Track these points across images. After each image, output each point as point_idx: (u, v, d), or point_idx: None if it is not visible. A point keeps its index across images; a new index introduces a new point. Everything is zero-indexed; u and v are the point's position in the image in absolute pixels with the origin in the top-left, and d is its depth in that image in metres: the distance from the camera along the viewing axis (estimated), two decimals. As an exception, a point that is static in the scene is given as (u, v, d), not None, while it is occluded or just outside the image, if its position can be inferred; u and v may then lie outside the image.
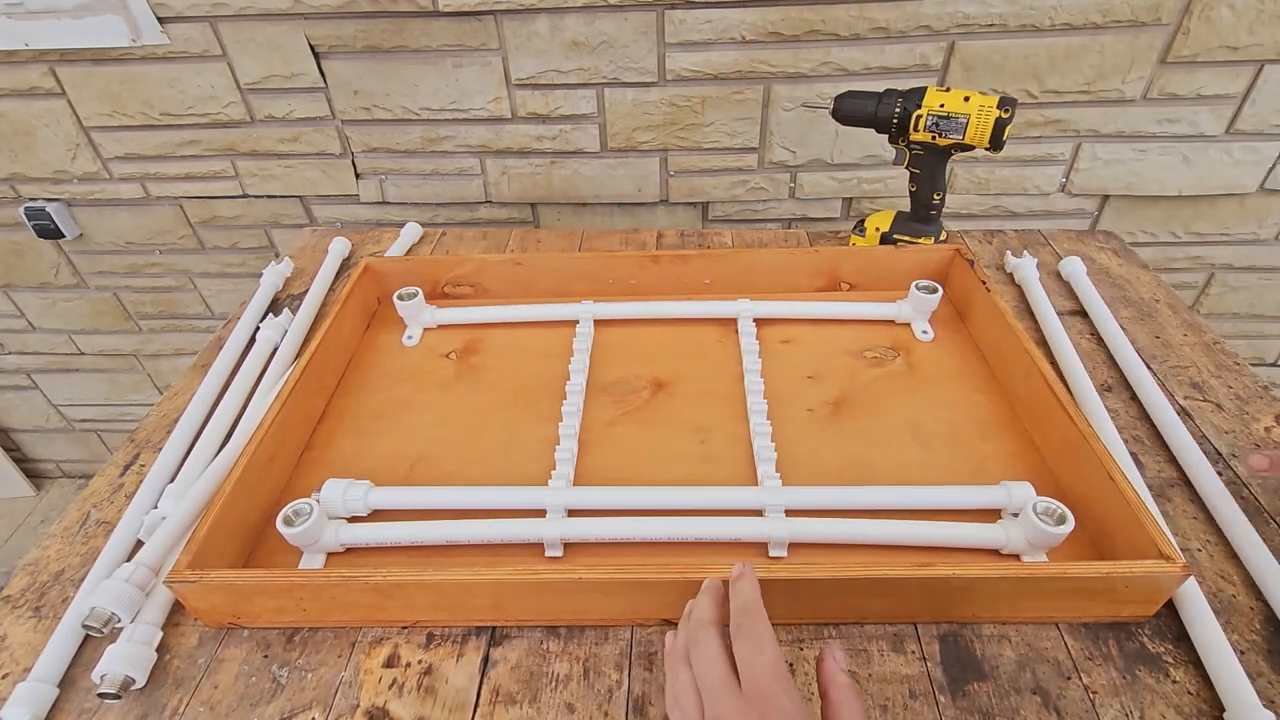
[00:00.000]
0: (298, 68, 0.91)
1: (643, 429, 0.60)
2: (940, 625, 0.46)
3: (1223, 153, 0.91)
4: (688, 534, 0.49)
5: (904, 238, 0.78)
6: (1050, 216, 1.00)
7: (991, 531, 0.48)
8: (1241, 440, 0.57)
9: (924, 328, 0.69)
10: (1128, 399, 0.62)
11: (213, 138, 0.99)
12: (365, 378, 0.67)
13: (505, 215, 1.05)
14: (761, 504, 0.50)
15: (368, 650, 0.46)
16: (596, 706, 0.42)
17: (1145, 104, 0.89)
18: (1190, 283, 1.05)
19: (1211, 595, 0.46)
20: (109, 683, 0.42)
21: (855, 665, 0.44)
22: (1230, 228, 0.99)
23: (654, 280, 0.74)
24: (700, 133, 0.94)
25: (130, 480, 0.59)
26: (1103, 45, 0.84)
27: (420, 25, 0.87)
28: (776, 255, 0.74)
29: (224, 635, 0.47)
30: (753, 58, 0.88)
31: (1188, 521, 0.51)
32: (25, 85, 0.94)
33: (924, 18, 0.84)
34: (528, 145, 0.97)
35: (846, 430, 0.59)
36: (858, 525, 0.48)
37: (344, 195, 1.04)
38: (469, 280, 0.75)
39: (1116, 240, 0.86)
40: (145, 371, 1.33)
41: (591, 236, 0.92)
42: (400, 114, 0.95)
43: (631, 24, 0.86)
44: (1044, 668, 0.43)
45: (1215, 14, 0.81)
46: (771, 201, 1.01)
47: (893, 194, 0.98)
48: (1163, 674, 0.42)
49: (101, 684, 0.42)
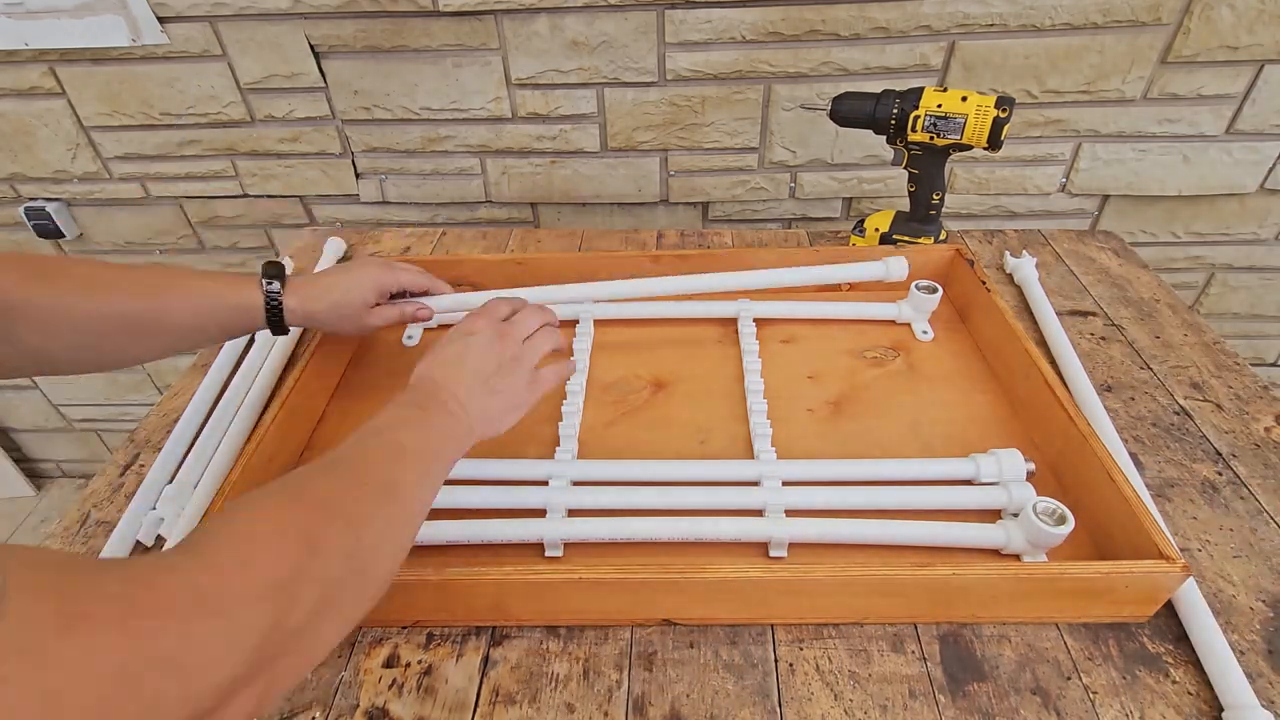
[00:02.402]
0: (298, 68, 0.91)
1: (643, 429, 0.60)
2: (940, 625, 0.46)
3: (1223, 153, 0.91)
4: (688, 534, 0.49)
5: (904, 238, 0.78)
6: (1050, 216, 1.00)
7: (992, 532, 0.48)
8: (1241, 440, 0.57)
9: (924, 328, 0.69)
10: (1128, 399, 0.62)
11: (213, 137, 0.99)
12: (365, 378, 0.67)
13: (505, 215, 1.05)
14: (762, 503, 0.50)
15: (367, 650, 0.46)
16: (596, 707, 0.42)
17: (1145, 104, 0.89)
18: (1190, 283, 1.05)
19: (1211, 595, 0.46)
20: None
21: (855, 665, 0.44)
22: (1230, 228, 0.99)
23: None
24: (700, 133, 0.94)
25: (130, 480, 0.59)
26: (1103, 45, 0.84)
27: (420, 25, 0.87)
28: (776, 255, 0.74)
29: (224, 635, 0.47)
30: (753, 57, 0.88)
31: (1187, 521, 0.51)
32: (25, 85, 0.94)
33: (924, 18, 0.84)
34: (528, 145, 0.97)
35: (846, 430, 0.59)
36: (858, 525, 0.48)
37: (344, 195, 1.04)
38: (469, 280, 0.75)
39: (1116, 240, 0.86)
40: (145, 371, 1.33)
41: (591, 236, 0.92)
42: (400, 114, 0.95)
43: (631, 24, 0.86)
44: (1044, 668, 0.43)
45: (1215, 14, 0.81)
46: (771, 201, 1.01)
47: (893, 194, 0.98)
48: (1162, 674, 0.42)
49: None
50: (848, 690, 0.42)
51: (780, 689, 0.43)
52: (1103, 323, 0.71)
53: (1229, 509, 0.52)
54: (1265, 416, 0.60)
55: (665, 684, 0.43)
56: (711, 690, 0.43)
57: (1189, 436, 0.58)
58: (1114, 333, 0.70)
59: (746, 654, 0.45)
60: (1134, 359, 0.66)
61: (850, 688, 0.42)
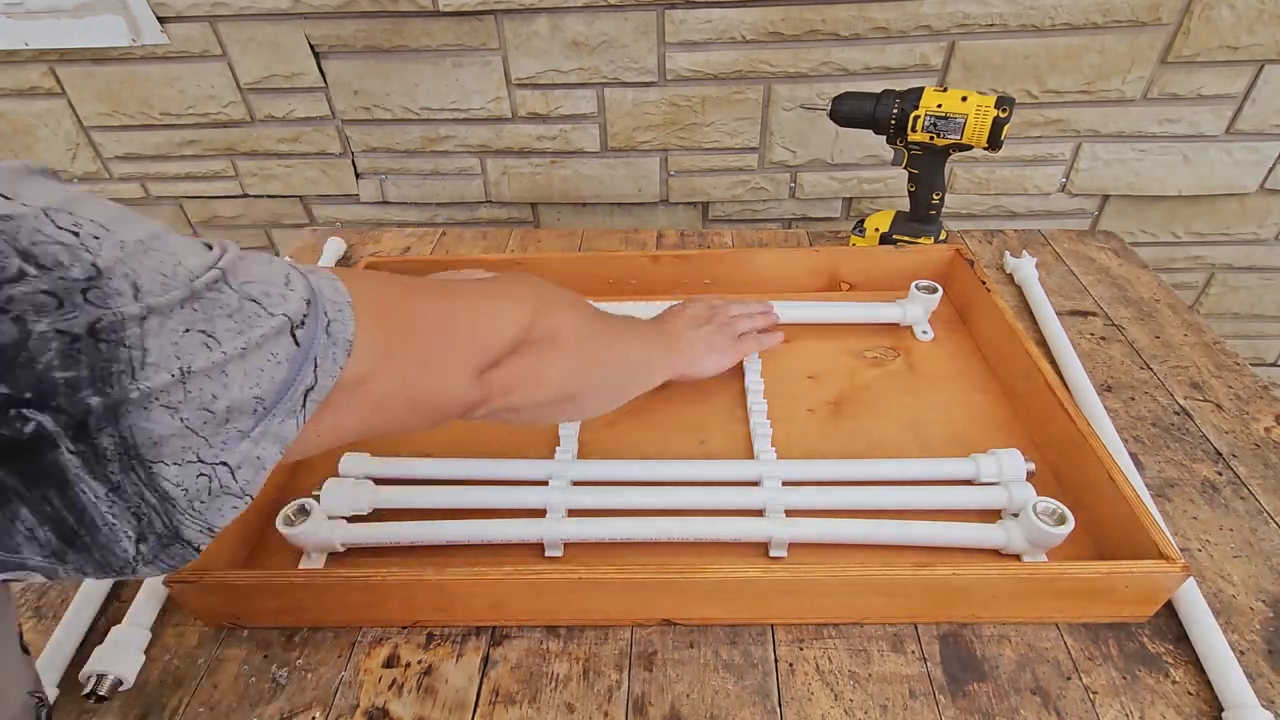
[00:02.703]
0: (298, 67, 0.91)
1: (643, 429, 0.60)
2: (940, 625, 0.46)
3: (1223, 153, 0.91)
4: (688, 534, 0.49)
5: (904, 238, 0.78)
6: (1050, 216, 1.00)
7: (992, 532, 0.48)
8: (1242, 440, 0.57)
9: (924, 328, 0.69)
10: (1128, 399, 0.62)
11: (213, 137, 0.99)
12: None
13: (505, 215, 1.05)
14: (762, 503, 0.50)
15: (368, 650, 0.46)
16: (596, 707, 0.42)
17: (1145, 104, 0.89)
18: (1190, 283, 1.05)
19: (1211, 595, 0.46)
20: (102, 685, 0.42)
21: (855, 665, 0.44)
22: (1230, 228, 0.99)
23: (654, 280, 0.74)
24: (700, 133, 0.94)
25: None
26: (1103, 45, 0.84)
27: (420, 25, 0.87)
28: (776, 255, 0.74)
29: (224, 635, 0.47)
30: (753, 57, 0.88)
31: (1187, 521, 0.51)
32: (25, 85, 0.94)
33: (924, 18, 0.84)
34: (528, 145, 0.97)
35: (846, 430, 0.59)
36: (858, 525, 0.48)
37: (344, 195, 1.04)
38: (469, 280, 0.75)
39: (1116, 240, 0.86)
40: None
41: (591, 236, 0.92)
42: (400, 114, 0.95)
43: (631, 24, 0.86)
44: (1044, 668, 0.43)
45: (1215, 14, 0.81)
46: (772, 201, 1.01)
47: (893, 194, 0.98)
48: (1162, 674, 0.42)
49: (89, 685, 0.42)
50: (848, 690, 0.42)
51: (780, 689, 0.43)
52: (1103, 323, 0.71)
53: (1229, 509, 0.52)
54: (1265, 416, 0.60)
55: (665, 684, 0.43)
56: (712, 690, 0.43)
57: (1189, 436, 0.58)
58: (1114, 333, 0.70)
59: (746, 654, 0.45)
60: (1134, 359, 0.66)
61: (850, 688, 0.42)
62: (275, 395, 0.25)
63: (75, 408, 0.20)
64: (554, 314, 0.42)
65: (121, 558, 0.23)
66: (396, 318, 0.34)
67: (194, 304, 0.23)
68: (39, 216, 0.20)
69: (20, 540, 0.21)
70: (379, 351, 0.31)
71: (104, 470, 0.21)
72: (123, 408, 0.21)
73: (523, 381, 0.40)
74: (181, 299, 0.22)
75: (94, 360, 0.20)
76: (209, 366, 0.23)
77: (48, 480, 0.20)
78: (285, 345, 0.26)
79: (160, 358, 0.21)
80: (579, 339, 0.44)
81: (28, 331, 0.19)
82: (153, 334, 0.21)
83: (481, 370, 0.37)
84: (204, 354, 0.23)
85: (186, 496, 0.23)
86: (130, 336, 0.21)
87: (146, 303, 0.21)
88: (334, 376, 0.28)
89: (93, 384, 0.20)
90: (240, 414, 0.24)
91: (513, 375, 0.39)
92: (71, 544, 0.22)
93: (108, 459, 0.21)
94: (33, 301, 0.19)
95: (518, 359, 0.39)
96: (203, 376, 0.22)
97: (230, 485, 0.24)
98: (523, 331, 0.40)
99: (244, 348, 0.24)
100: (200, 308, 0.23)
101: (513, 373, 0.39)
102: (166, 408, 0.22)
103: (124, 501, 0.22)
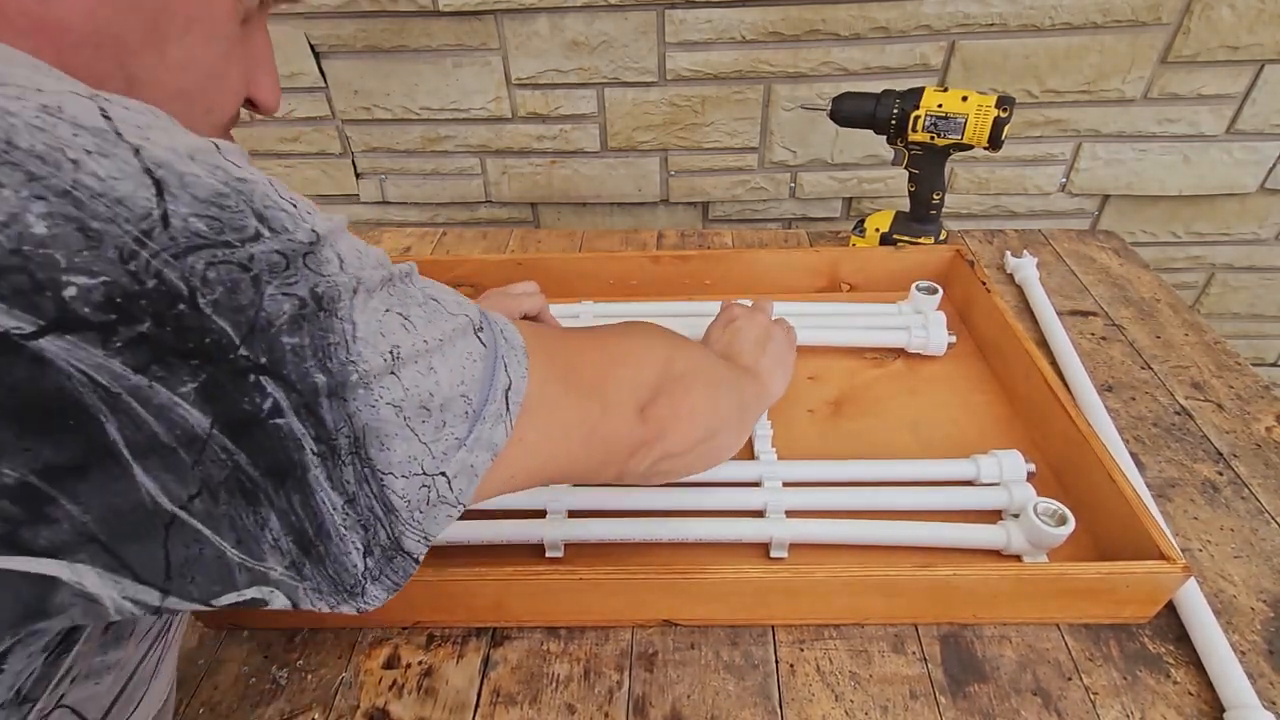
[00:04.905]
0: (298, 67, 0.91)
1: (643, 429, 0.60)
2: (941, 626, 0.46)
3: (1223, 153, 0.91)
4: (688, 534, 0.49)
5: (904, 238, 0.78)
6: (1050, 216, 1.00)
7: (992, 532, 0.48)
8: (1242, 440, 0.57)
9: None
10: (1128, 399, 0.62)
11: (212, 138, 0.99)
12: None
13: (505, 215, 1.05)
14: (763, 504, 0.50)
15: (368, 651, 0.46)
16: (596, 707, 0.42)
17: (1145, 104, 0.89)
18: (1190, 282, 1.05)
19: (1212, 596, 0.46)
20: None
21: (855, 666, 0.44)
22: (1230, 227, 0.99)
23: (654, 280, 0.74)
24: (700, 132, 0.94)
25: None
26: (1103, 45, 0.84)
27: (420, 25, 0.87)
28: (776, 255, 0.73)
29: (224, 636, 0.47)
30: (753, 57, 0.88)
31: (1188, 522, 0.51)
32: (25, 85, 0.94)
33: (924, 17, 0.83)
34: (528, 145, 0.97)
35: (847, 431, 0.59)
36: (858, 526, 0.48)
37: (344, 195, 1.04)
38: (469, 280, 0.75)
39: (1117, 240, 0.86)
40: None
41: (591, 236, 0.92)
42: (400, 114, 0.95)
43: (631, 24, 0.86)
44: (1045, 669, 0.43)
45: (1215, 14, 0.81)
46: (772, 201, 1.01)
47: (893, 194, 0.98)
48: (1163, 675, 0.42)
49: None
50: (848, 691, 0.42)
51: (781, 690, 0.43)
52: (1103, 323, 0.71)
53: (1230, 509, 0.52)
54: (1266, 416, 0.60)
55: (666, 685, 0.43)
56: (712, 691, 0.43)
57: (1190, 436, 0.58)
58: (1114, 333, 0.70)
59: (747, 655, 0.44)
60: (1134, 359, 0.66)
61: (851, 688, 0.42)
62: (480, 396, 0.26)
63: (304, 382, 0.20)
64: (684, 352, 0.42)
65: (352, 573, 0.24)
66: (556, 346, 0.33)
67: (391, 287, 0.24)
68: (268, 184, 0.21)
69: (266, 548, 0.21)
70: (551, 375, 0.31)
71: (341, 479, 0.22)
72: (346, 390, 0.21)
73: (676, 418, 0.39)
74: (383, 279, 0.23)
75: (314, 329, 0.21)
76: (413, 354, 0.23)
77: (293, 483, 0.21)
78: (474, 344, 0.27)
79: (367, 333, 0.22)
80: (710, 374, 0.44)
81: (262, 292, 0.19)
82: (360, 308, 0.22)
83: (642, 406, 0.37)
84: (405, 337, 0.23)
85: (409, 507, 0.24)
86: (342, 308, 0.21)
87: (355, 275, 0.22)
88: (524, 377, 0.28)
89: (315, 354, 0.21)
90: (453, 414, 0.25)
91: (666, 411, 0.38)
92: (309, 553, 0.22)
93: (344, 463, 0.22)
94: (268, 261, 0.20)
95: (666, 396, 0.39)
96: (411, 366, 0.23)
97: (446, 495, 0.25)
98: (665, 368, 0.40)
99: (440, 339, 0.25)
100: (395, 293, 0.24)
101: (666, 408, 0.38)
102: (391, 405, 0.22)
103: (355, 514, 0.23)
